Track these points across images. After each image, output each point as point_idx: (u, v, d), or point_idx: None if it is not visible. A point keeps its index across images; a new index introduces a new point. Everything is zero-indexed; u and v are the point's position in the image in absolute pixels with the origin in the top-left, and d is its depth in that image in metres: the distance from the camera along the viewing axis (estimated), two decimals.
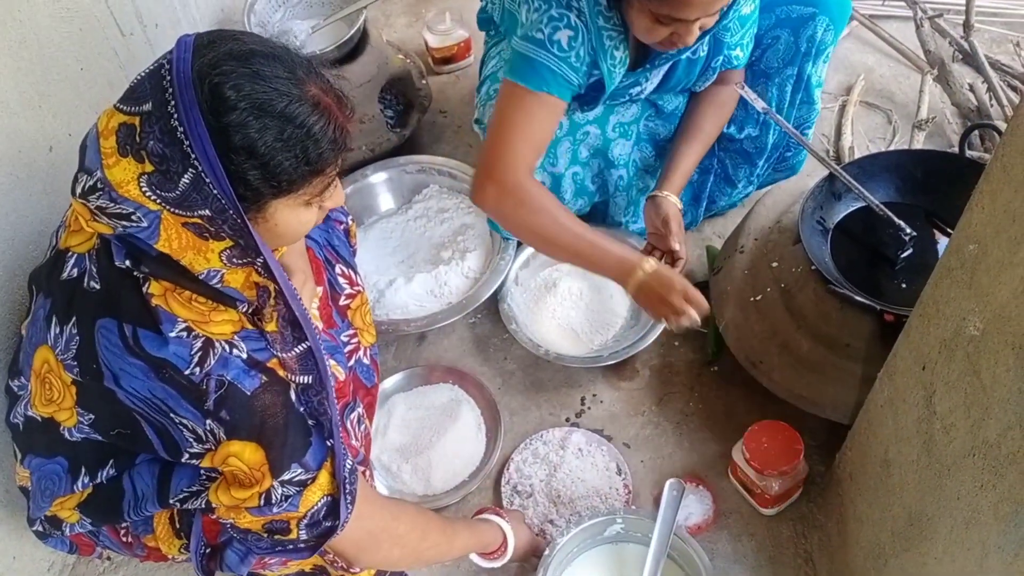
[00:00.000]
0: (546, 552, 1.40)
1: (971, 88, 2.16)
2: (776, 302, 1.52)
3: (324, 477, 1.07)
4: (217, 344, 1.00)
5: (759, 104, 1.61)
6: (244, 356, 1.01)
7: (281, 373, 1.04)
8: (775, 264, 1.55)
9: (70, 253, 1.06)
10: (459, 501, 1.60)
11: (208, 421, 1.00)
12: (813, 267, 1.45)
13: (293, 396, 1.04)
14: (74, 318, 1.03)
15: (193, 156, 0.91)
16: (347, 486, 1.09)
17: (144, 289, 1.00)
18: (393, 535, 1.21)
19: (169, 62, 0.94)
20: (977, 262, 0.90)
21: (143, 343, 0.99)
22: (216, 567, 1.20)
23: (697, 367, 1.76)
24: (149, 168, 0.93)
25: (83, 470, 1.14)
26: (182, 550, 1.22)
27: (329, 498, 1.08)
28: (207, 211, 0.94)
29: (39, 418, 1.11)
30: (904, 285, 1.47)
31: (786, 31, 1.63)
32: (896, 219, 1.48)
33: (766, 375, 1.54)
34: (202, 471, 1.11)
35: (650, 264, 1.43)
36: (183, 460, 1.05)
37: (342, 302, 1.38)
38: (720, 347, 1.72)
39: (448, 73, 2.38)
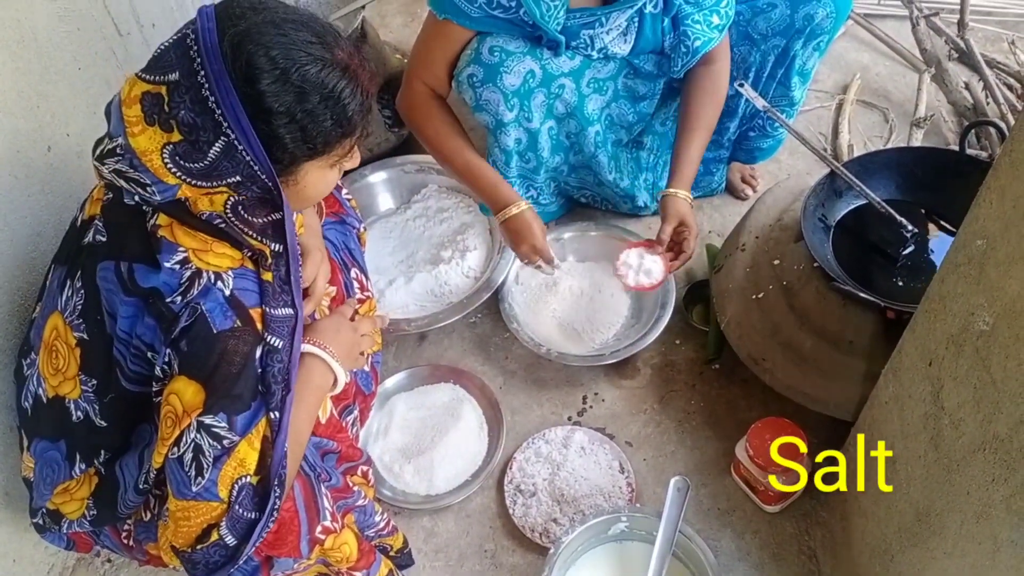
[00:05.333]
0: (551, 551, 1.39)
1: (967, 86, 2.17)
2: (778, 300, 1.53)
3: (245, 450, 1.01)
4: (204, 275, 1.01)
5: (759, 102, 1.62)
6: (227, 292, 1.01)
7: (258, 326, 1.03)
8: (777, 262, 1.55)
9: (95, 221, 1.08)
10: (462, 501, 1.59)
11: (168, 351, 1.00)
12: (816, 264, 1.45)
13: (258, 353, 1.03)
14: (79, 271, 1.06)
15: (225, 125, 0.94)
16: (280, 468, 1.02)
17: (151, 221, 1.02)
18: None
19: (194, 31, 0.96)
20: (986, 257, 0.90)
21: (136, 277, 1.01)
22: None
23: (698, 365, 1.76)
24: (176, 138, 0.95)
25: (78, 456, 1.14)
26: None
27: (247, 479, 1.02)
28: (237, 177, 0.97)
29: (46, 398, 1.12)
30: (903, 283, 1.47)
31: (784, 2, 1.62)
32: (898, 216, 1.48)
33: (768, 373, 1.54)
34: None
35: (518, 207, 1.64)
36: (153, 398, 1.04)
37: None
38: (720, 346, 1.72)
39: None
